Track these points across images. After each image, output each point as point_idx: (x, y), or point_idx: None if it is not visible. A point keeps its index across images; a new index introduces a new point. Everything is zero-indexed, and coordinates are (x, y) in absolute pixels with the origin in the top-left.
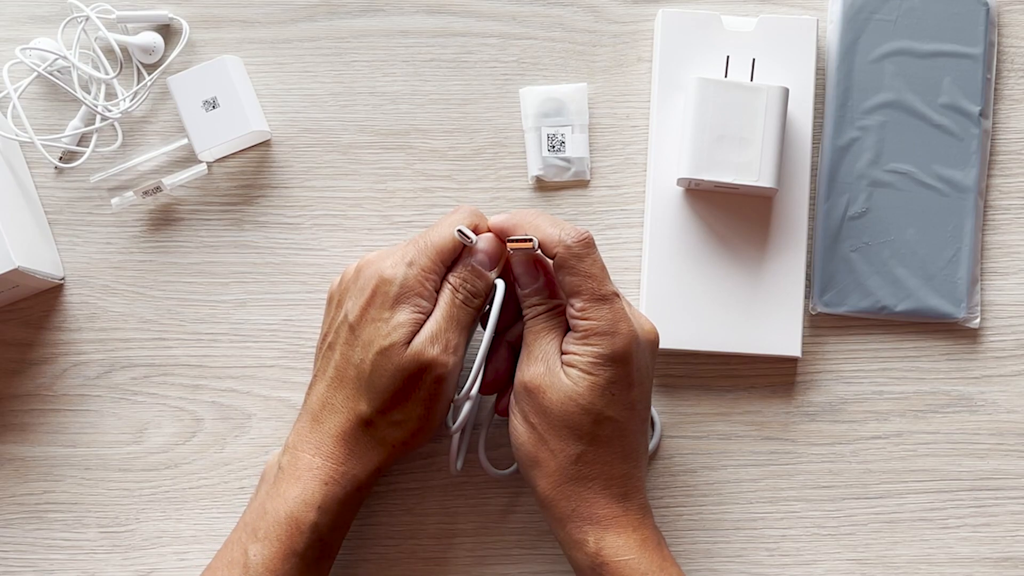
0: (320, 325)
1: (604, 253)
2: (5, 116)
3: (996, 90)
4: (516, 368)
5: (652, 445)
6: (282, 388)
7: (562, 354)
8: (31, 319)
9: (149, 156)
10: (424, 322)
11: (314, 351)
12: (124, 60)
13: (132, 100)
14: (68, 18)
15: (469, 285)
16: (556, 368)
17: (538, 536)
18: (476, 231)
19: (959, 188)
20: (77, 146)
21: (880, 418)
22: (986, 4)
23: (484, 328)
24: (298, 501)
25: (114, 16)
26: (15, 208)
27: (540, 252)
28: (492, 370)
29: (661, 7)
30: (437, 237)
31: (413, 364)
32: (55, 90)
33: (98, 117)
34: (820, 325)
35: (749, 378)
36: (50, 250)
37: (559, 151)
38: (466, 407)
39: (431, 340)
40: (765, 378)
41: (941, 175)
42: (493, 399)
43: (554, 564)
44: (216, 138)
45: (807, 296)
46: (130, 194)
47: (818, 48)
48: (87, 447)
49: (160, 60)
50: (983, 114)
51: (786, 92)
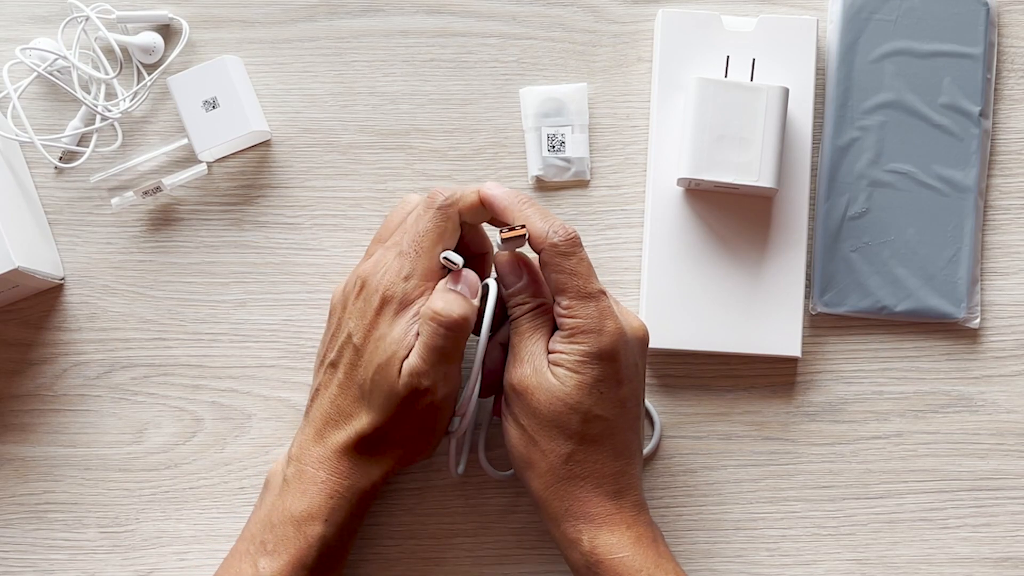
0: (321, 327)
1: (604, 253)
2: (5, 116)
3: (996, 90)
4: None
5: (652, 445)
6: (282, 388)
7: (549, 353)
8: (31, 319)
9: (149, 156)
10: (414, 330)
11: (315, 355)
12: (124, 60)
13: (132, 100)
14: (68, 18)
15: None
16: (543, 368)
17: (538, 536)
18: (452, 208)
19: (959, 188)
20: (77, 146)
21: (880, 418)
22: (986, 4)
23: (477, 333)
24: (305, 515)
25: (114, 16)
26: (15, 208)
27: (528, 245)
28: (488, 372)
29: (661, 7)
30: (418, 259)
31: (406, 390)
32: (55, 90)
33: (98, 117)
34: (820, 325)
35: (749, 378)
36: (50, 250)
37: (559, 151)
38: (468, 410)
39: (422, 371)
40: (765, 378)
41: (941, 175)
42: (492, 399)
43: (554, 564)
44: (216, 138)
45: (807, 296)
46: (130, 194)
47: (818, 48)
48: (87, 447)
49: (160, 60)
50: (983, 114)
51: (786, 92)
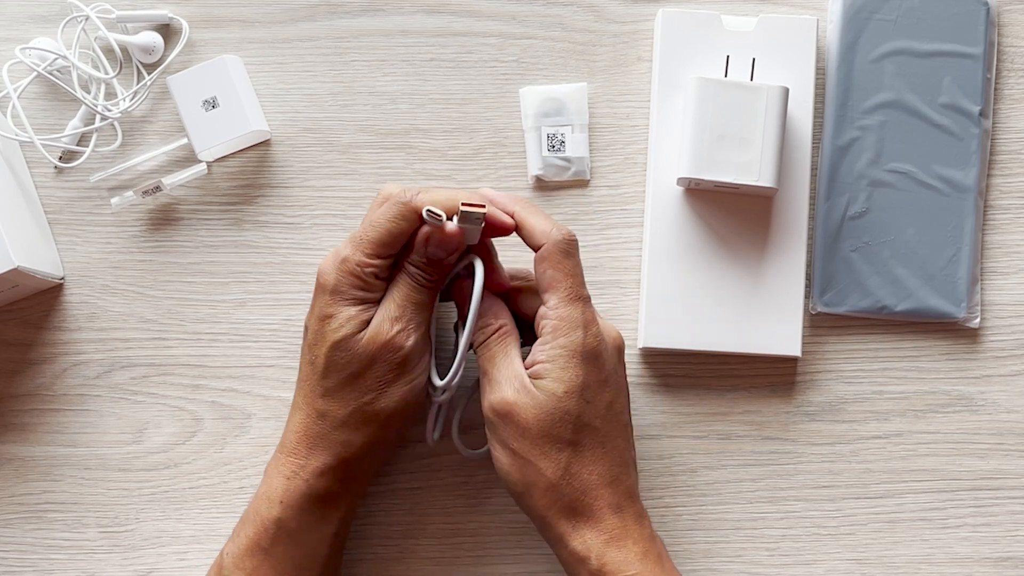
0: None
1: (604, 253)
2: (5, 116)
3: (996, 90)
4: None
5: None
6: (282, 388)
7: (529, 368)
8: (31, 319)
9: (149, 156)
10: (373, 310)
11: None
12: (124, 60)
13: (132, 100)
14: (68, 18)
15: (425, 274)
16: (525, 384)
17: (538, 536)
18: (410, 203)
19: (959, 188)
20: (77, 146)
21: (880, 418)
22: (986, 4)
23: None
24: (263, 498)
25: (114, 16)
26: (15, 208)
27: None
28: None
29: (661, 7)
30: (372, 230)
31: (371, 348)
32: (55, 90)
33: (98, 117)
34: (820, 325)
35: (749, 378)
36: (50, 250)
37: (559, 151)
38: (453, 374)
39: (389, 322)
40: (765, 378)
41: (941, 175)
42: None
43: (554, 564)
44: (216, 138)
45: (807, 296)
46: (130, 194)
47: (818, 48)
48: (87, 447)
49: (160, 60)
50: (983, 114)
51: (786, 92)
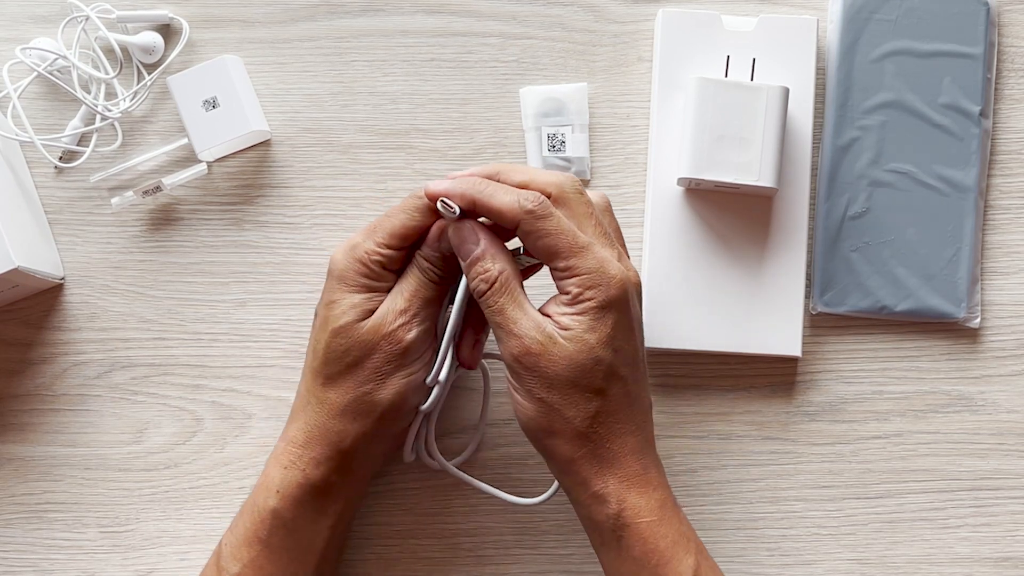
0: None
1: None
2: (5, 116)
3: (996, 90)
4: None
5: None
6: (282, 388)
7: (555, 319)
8: (31, 319)
9: (149, 156)
10: (379, 300)
11: None
12: (124, 60)
13: (132, 100)
14: (68, 18)
15: (436, 268)
16: (550, 333)
17: (538, 536)
18: (422, 197)
19: (959, 188)
20: (77, 146)
21: (880, 418)
22: (986, 4)
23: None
24: (261, 488)
25: (114, 16)
26: (15, 208)
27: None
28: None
29: (661, 7)
30: (386, 219)
31: (372, 337)
32: (55, 90)
33: (98, 117)
34: (820, 325)
35: (749, 378)
36: (50, 250)
37: (559, 151)
38: (435, 391)
39: (393, 313)
40: (765, 378)
41: (941, 175)
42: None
43: (554, 564)
44: (216, 138)
45: (807, 296)
46: (130, 194)
47: (818, 48)
48: (87, 447)
49: (160, 60)
50: (983, 114)
51: (786, 92)
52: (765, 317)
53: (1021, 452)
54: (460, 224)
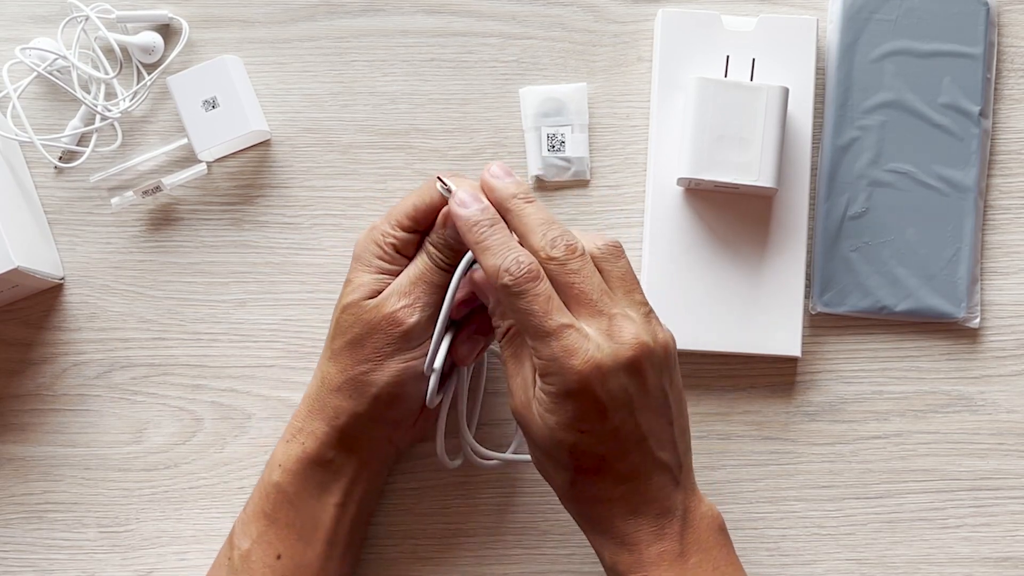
0: (321, 326)
1: None
2: (5, 116)
3: (996, 90)
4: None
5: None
6: (282, 388)
7: (537, 380)
8: (31, 319)
9: (149, 156)
10: (385, 280)
11: (315, 354)
12: (124, 60)
13: (132, 100)
14: (68, 18)
15: (441, 254)
16: (530, 398)
17: (538, 536)
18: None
19: (959, 188)
20: (77, 146)
21: (880, 418)
22: (986, 4)
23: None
24: (268, 464)
25: (114, 16)
26: (15, 208)
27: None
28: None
29: (661, 7)
30: (401, 202)
31: (374, 316)
32: (55, 90)
33: (98, 117)
34: (820, 325)
35: (749, 378)
36: (50, 250)
37: (559, 151)
38: (431, 380)
39: (396, 295)
40: (765, 378)
41: (941, 175)
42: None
43: (554, 564)
44: (216, 138)
45: (807, 296)
46: (130, 194)
47: (818, 48)
48: (87, 447)
49: (160, 60)
50: (983, 114)
51: (786, 92)
52: (765, 317)
53: (1021, 452)
54: (482, 279)
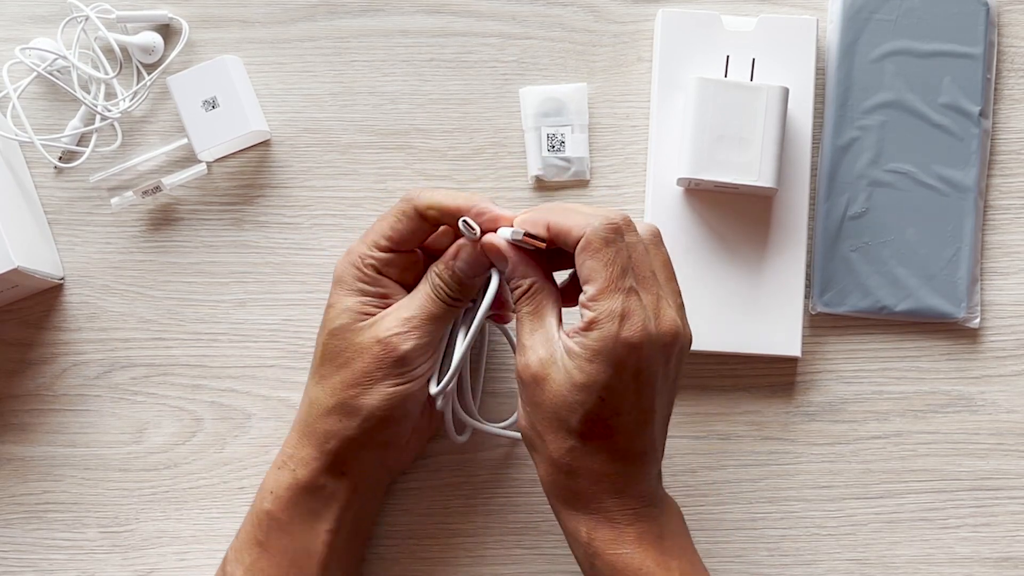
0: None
1: None
2: (5, 116)
3: (996, 90)
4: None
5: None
6: (282, 388)
7: (567, 338)
8: (31, 319)
9: (149, 156)
10: (373, 303)
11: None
12: (124, 60)
13: (132, 100)
14: (68, 18)
15: (447, 287)
16: (553, 355)
17: (538, 536)
18: (409, 203)
19: (959, 188)
20: (77, 146)
21: (880, 418)
22: (986, 4)
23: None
24: (259, 490)
25: (114, 16)
26: (15, 208)
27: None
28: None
29: (661, 7)
30: (377, 223)
31: (366, 340)
32: (55, 90)
33: (98, 117)
34: (820, 325)
35: (749, 378)
36: (50, 250)
37: (559, 151)
38: (439, 400)
39: (391, 321)
40: (765, 378)
41: (941, 175)
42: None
43: (554, 564)
44: (216, 138)
45: (807, 296)
46: (130, 194)
47: (818, 48)
48: (87, 447)
49: (160, 60)
50: (983, 114)
51: (786, 92)
52: (765, 317)
53: (1021, 452)
54: (491, 243)
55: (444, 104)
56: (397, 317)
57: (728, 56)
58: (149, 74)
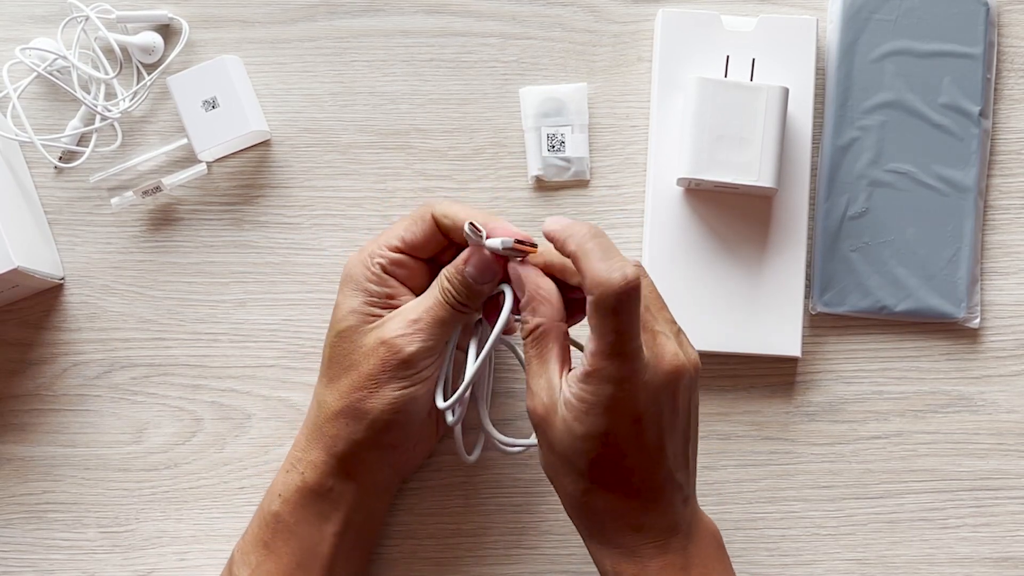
0: (321, 327)
1: None
2: (5, 116)
3: (996, 90)
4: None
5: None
6: (282, 388)
7: (568, 387)
8: (31, 319)
9: (149, 156)
10: (374, 304)
11: (315, 354)
12: (124, 60)
13: (132, 100)
14: (68, 18)
15: (455, 292)
16: (555, 402)
17: (538, 536)
18: (427, 208)
19: (959, 188)
20: (77, 146)
21: (880, 418)
22: (986, 4)
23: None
24: (267, 492)
25: (114, 16)
26: (15, 208)
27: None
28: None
29: (661, 7)
30: (394, 225)
31: (370, 342)
32: (55, 90)
33: (98, 117)
34: (820, 325)
35: (749, 378)
36: (50, 250)
37: (559, 151)
38: (456, 411)
39: (398, 322)
40: (765, 378)
41: (941, 175)
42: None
43: (554, 564)
44: (216, 138)
45: (807, 296)
46: (130, 194)
47: (818, 48)
48: (87, 447)
49: (160, 60)
50: (983, 114)
51: (786, 92)
52: (765, 317)
53: (1021, 452)
54: (514, 273)
55: (444, 104)
56: (403, 319)
57: (728, 56)
58: (149, 74)
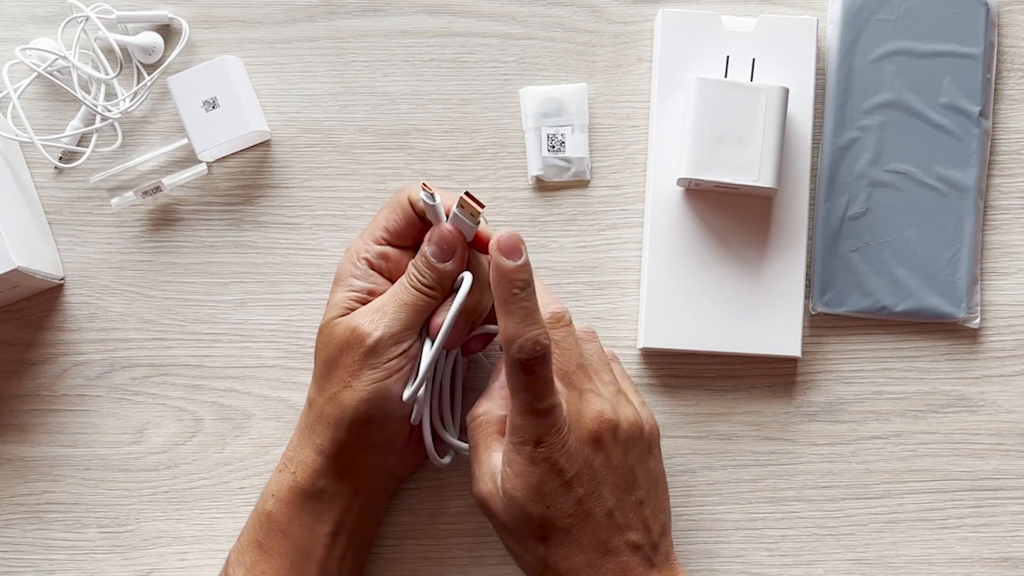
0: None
1: (604, 253)
2: (5, 116)
3: (996, 90)
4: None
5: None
6: (282, 388)
7: (503, 460)
8: (31, 319)
9: (149, 156)
10: (356, 298)
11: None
12: (124, 60)
13: (132, 100)
14: (68, 18)
15: (419, 273)
16: (496, 483)
17: None
18: (402, 192)
19: (959, 188)
20: (77, 146)
21: (880, 418)
22: (986, 4)
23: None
24: (262, 493)
25: (114, 16)
26: (15, 208)
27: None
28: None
29: (661, 7)
30: (374, 217)
31: (343, 332)
32: (55, 90)
33: (98, 117)
34: (820, 325)
35: (749, 378)
36: (50, 250)
37: (559, 151)
38: (415, 405)
39: (367, 311)
40: (765, 378)
41: (941, 175)
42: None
43: None
44: (216, 138)
45: (807, 296)
46: (130, 194)
47: (818, 48)
48: (87, 447)
49: (160, 60)
50: (983, 114)
51: (786, 92)
52: (765, 317)
53: (1021, 452)
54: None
55: (444, 104)
56: (370, 307)
57: (728, 56)
58: (149, 74)
